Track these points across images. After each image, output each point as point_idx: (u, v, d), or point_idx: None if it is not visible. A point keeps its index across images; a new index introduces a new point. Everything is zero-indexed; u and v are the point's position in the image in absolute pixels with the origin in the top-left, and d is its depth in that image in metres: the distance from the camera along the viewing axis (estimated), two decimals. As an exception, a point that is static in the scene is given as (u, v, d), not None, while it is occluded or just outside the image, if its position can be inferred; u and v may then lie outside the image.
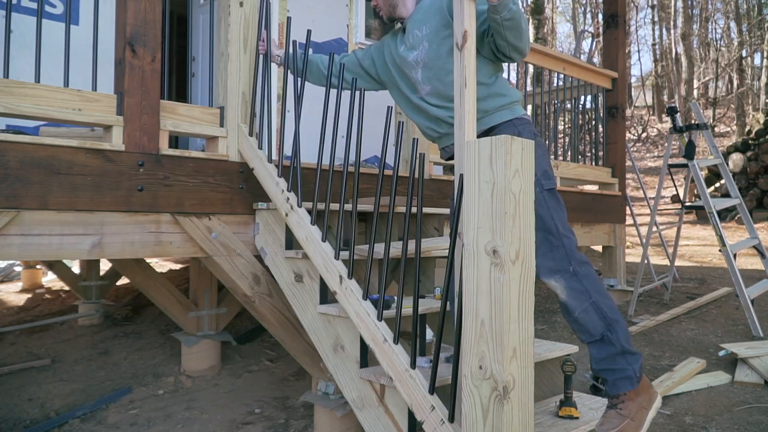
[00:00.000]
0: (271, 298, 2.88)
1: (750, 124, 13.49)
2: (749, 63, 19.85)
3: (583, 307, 1.92)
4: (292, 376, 4.06)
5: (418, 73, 2.22)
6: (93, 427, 3.48)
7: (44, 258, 2.31)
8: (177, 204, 2.58)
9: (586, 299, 1.93)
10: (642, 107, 24.69)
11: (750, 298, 4.18)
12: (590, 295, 1.94)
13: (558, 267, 1.95)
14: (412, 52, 2.22)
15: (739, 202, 4.83)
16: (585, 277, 1.97)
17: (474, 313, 1.59)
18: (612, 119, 5.24)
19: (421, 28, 2.19)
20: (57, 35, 3.16)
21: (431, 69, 2.17)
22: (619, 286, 5.21)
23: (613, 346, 1.91)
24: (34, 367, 4.39)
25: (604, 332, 1.91)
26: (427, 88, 2.20)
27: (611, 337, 1.90)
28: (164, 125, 2.58)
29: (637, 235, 7.66)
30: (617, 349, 1.91)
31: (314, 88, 2.95)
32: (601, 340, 1.91)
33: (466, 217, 1.62)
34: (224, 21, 2.82)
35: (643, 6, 26.05)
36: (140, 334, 5.14)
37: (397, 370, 1.95)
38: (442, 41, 2.12)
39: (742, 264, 6.65)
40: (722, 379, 3.40)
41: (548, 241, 1.98)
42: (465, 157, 1.63)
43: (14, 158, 2.18)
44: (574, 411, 2.13)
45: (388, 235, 2.11)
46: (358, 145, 2.30)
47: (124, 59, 2.46)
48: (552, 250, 1.97)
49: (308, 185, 2.91)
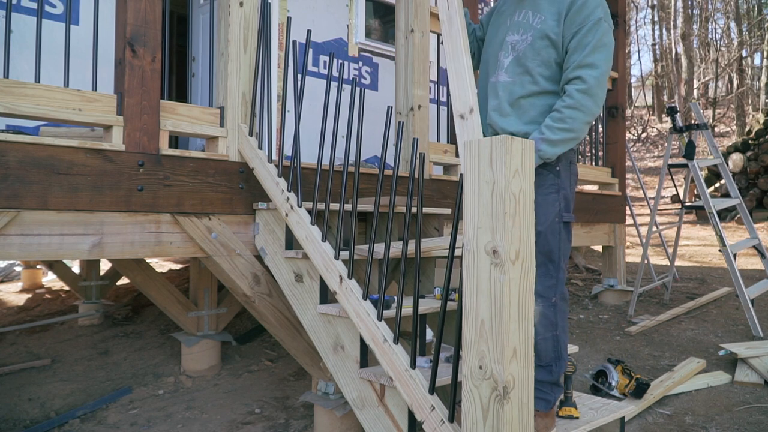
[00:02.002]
0: (271, 298, 2.88)
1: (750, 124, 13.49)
2: (749, 63, 19.85)
3: (547, 336, 2.05)
4: (292, 376, 4.06)
5: (507, 57, 2.13)
6: (93, 427, 3.48)
7: (44, 258, 2.31)
8: (177, 204, 2.58)
9: (552, 330, 2.06)
10: (642, 107, 24.69)
11: (750, 298, 4.18)
12: (556, 328, 2.07)
13: (543, 293, 2.04)
14: (513, 34, 2.13)
15: (739, 202, 4.83)
16: (560, 311, 2.09)
17: (474, 313, 1.59)
18: (612, 119, 5.24)
19: (536, 15, 2.09)
20: (57, 35, 3.16)
21: (519, 65, 2.10)
22: (619, 286, 5.21)
23: (551, 375, 2.06)
24: (34, 367, 4.39)
25: (551, 363, 2.06)
26: (505, 77, 2.13)
27: (554, 369, 2.06)
28: (164, 125, 2.58)
29: (637, 235, 7.66)
30: (553, 379, 2.07)
31: (314, 88, 2.95)
32: (545, 367, 2.05)
33: (466, 217, 1.62)
34: (224, 21, 2.82)
35: (643, 6, 26.06)
36: (140, 334, 5.13)
37: (397, 370, 1.95)
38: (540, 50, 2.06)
39: (742, 264, 6.65)
40: (722, 379, 3.40)
41: (546, 267, 2.05)
42: (465, 157, 1.63)
43: (14, 158, 2.18)
44: (574, 411, 2.13)
45: (388, 235, 2.11)
46: (358, 145, 2.30)
47: (124, 59, 2.46)
48: (546, 277, 2.05)
49: (308, 185, 2.91)
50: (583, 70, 1.96)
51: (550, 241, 2.04)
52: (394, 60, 3.73)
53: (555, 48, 2.04)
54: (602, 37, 1.98)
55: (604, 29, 1.99)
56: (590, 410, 2.20)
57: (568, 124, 1.96)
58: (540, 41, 2.06)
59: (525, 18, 2.13)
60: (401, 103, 3.50)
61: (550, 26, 2.04)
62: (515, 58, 2.11)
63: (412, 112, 3.43)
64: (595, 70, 1.96)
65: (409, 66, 3.46)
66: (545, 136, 1.98)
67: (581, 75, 1.96)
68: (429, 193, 3.55)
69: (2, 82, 2.19)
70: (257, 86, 2.78)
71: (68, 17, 2.43)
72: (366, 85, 4.85)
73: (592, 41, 1.96)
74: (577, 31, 1.99)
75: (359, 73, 4.81)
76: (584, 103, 1.95)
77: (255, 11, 2.86)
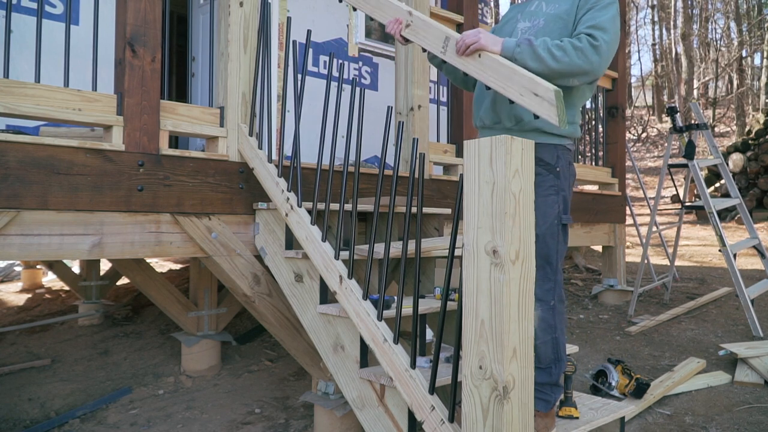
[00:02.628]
0: (271, 298, 2.88)
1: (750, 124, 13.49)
2: (749, 63, 19.85)
3: (546, 339, 2.04)
4: (292, 376, 4.06)
5: None
6: (93, 427, 3.48)
7: (44, 258, 2.31)
8: (177, 204, 2.58)
9: (551, 333, 2.05)
10: (642, 107, 24.69)
11: (750, 298, 4.18)
12: (555, 331, 2.06)
13: (542, 297, 2.03)
14: (525, 22, 2.14)
15: (739, 202, 4.83)
16: (559, 314, 2.08)
17: (474, 313, 1.59)
18: (612, 119, 5.24)
19: (551, 4, 2.11)
20: (57, 35, 3.16)
21: None
22: (619, 286, 5.21)
23: (551, 377, 2.06)
24: (34, 367, 4.39)
25: (551, 365, 2.06)
26: None
27: (553, 370, 2.07)
28: (164, 125, 2.58)
29: (637, 235, 7.66)
30: (552, 380, 2.07)
31: (314, 88, 2.95)
32: (545, 369, 2.05)
33: (466, 217, 1.62)
34: (224, 21, 2.82)
35: (643, 6, 26.06)
36: (140, 334, 5.13)
37: (397, 370, 1.95)
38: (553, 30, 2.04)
39: (742, 264, 6.65)
40: (722, 379, 3.40)
41: (544, 270, 2.04)
42: (465, 157, 1.63)
43: (14, 158, 2.18)
44: (574, 411, 2.14)
45: (388, 235, 2.11)
46: (358, 145, 2.30)
47: (124, 59, 2.46)
48: (544, 280, 2.04)
49: (308, 185, 2.91)
50: (597, 31, 1.93)
51: (549, 244, 2.03)
52: (394, 60, 3.73)
53: (567, 27, 2.04)
54: (615, 13, 2.00)
55: (615, 8, 2.02)
56: (590, 410, 2.20)
57: (560, 54, 1.88)
58: (553, 23, 2.07)
59: (538, 7, 2.15)
60: (401, 103, 3.50)
61: (564, 9, 2.07)
62: None
63: (412, 112, 3.44)
64: (607, 34, 1.93)
65: (409, 66, 3.46)
66: (534, 44, 1.89)
67: (594, 33, 1.92)
68: (429, 193, 3.55)
69: (2, 82, 2.20)
70: (257, 86, 2.78)
71: (68, 17, 2.43)
72: (366, 85, 4.85)
73: (607, 15, 1.97)
74: (591, 8, 2.01)
75: (359, 73, 4.81)
76: (588, 54, 1.90)
77: (255, 11, 2.86)
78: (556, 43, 1.90)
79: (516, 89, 1.78)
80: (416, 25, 2.08)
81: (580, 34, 1.96)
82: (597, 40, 1.91)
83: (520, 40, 1.92)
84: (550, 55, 1.88)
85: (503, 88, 1.81)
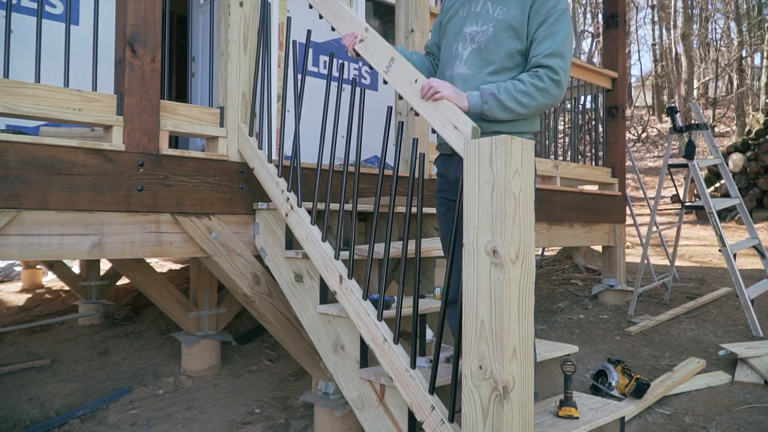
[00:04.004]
0: (271, 298, 2.88)
1: (750, 124, 13.48)
2: (749, 63, 19.84)
3: None
4: (292, 376, 4.06)
5: (466, 49, 2.09)
6: (93, 427, 3.48)
7: (44, 258, 2.31)
8: (177, 204, 2.58)
9: None
10: (642, 107, 24.68)
11: (750, 298, 4.18)
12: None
13: None
14: (472, 26, 2.10)
15: (739, 202, 4.83)
16: None
17: (474, 313, 1.59)
18: (612, 119, 5.24)
19: (497, 6, 2.05)
20: (57, 35, 3.16)
21: (480, 57, 2.06)
22: (619, 286, 5.21)
23: None
24: (34, 367, 4.39)
25: None
26: (463, 69, 2.08)
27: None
28: (164, 125, 2.58)
29: (637, 235, 7.66)
30: None
31: (314, 88, 2.95)
32: None
33: (466, 217, 1.62)
34: (224, 21, 2.82)
35: (643, 6, 26.05)
36: (140, 334, 5.14)
37: (397, 370, 1.95)
38: (503, 42, 2.03)
39: (742, 264, 6.65)
40: (722, 379, 3.40)
41: None
42: (465, 157, 1.63)
43: (14, 158, 2.18)
44: (574, 411, 2.13)
45: (388, 235, 2.11)
46: (358, 145, 2.30)
47: (124, 59, 2.46)
48: None
49: (308, 185, 2.91)
50: (555, 60, 1.95)
51: None
52: (394, 60, 3.72)
53: (518, 38, 2.02)
54: (569, 28, 2.00)
55: (569, 20, 2.02)
56: (590, 410, 2.20)
57: (527, 100, 1.93)
58: (503, 32, 2.03)
59: (484, 9, 2.09)
60: (401, 103, 3.50)
61: (514, 16, 2.02)
62: (476, 50, 2.07)
63: (412, 112, 3.43)
64: (564, 60, 1.96)
65: (409, 66, 3.46)
66: (500, 97, 1.92)
67: (552, 65, 1.94)
68: (429, 193, 3.55)
69: (2, 82, 2.20)
70: (257, 86, 2.78)
71: (68, 17, 2.43)
72: (366, 85, 4.85)
73: (561, 32, 1.98)
74: (544, 20, 1.98)
75: (359, 73, 4.81)
76: (552, 91, 1.95)
77: (255, 11, 2.86)
78: (520, 88, 1.93)
79: (439, 120, 1.87)
80: (368, 42, 2.15)
81: (538, 67, 1.96)
82: (557, 74, 1.95)
83: (485, 94, 1.94)
84: (518, 103, 1.93)
85: (429, 117, 1.91)
